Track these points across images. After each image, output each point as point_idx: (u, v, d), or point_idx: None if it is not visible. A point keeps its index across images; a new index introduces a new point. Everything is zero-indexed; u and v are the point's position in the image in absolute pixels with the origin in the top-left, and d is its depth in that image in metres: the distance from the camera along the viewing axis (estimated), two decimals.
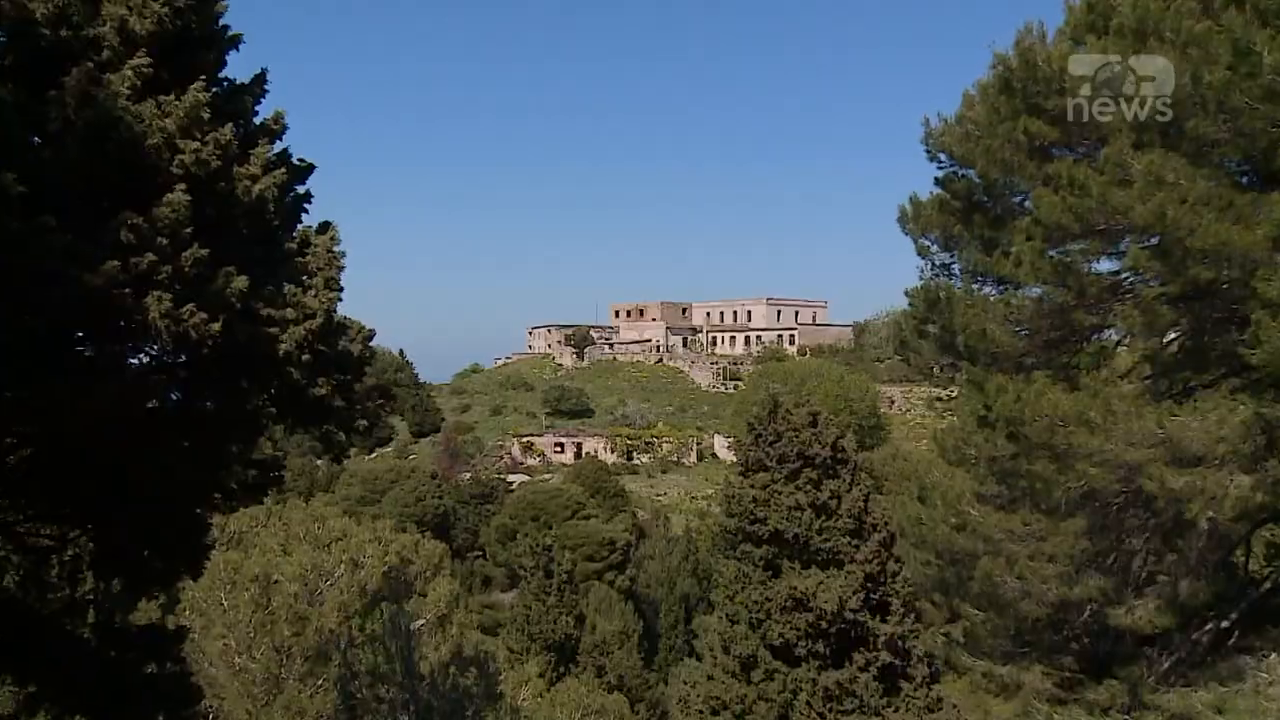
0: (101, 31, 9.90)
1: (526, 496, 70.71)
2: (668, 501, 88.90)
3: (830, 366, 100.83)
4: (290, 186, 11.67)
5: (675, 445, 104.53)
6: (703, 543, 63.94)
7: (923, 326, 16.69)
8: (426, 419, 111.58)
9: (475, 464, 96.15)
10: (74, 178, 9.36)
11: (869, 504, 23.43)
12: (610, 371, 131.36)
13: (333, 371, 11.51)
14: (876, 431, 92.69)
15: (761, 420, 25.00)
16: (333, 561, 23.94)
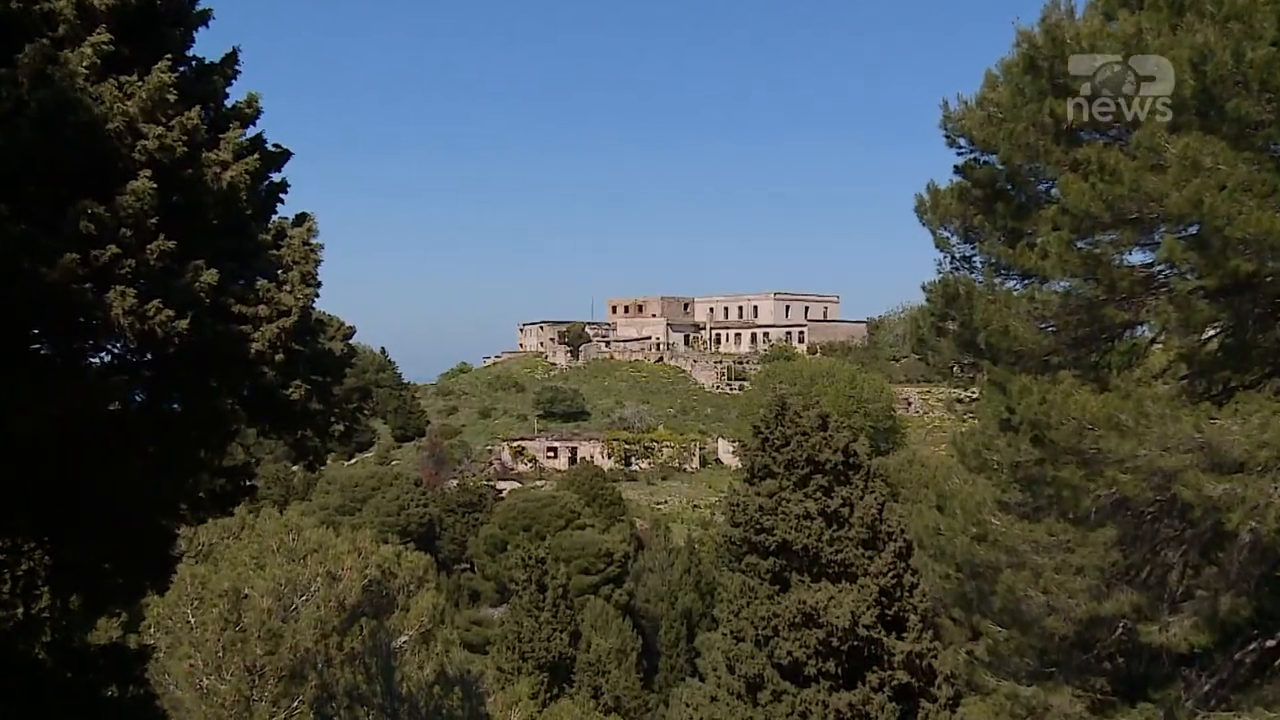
0: (58, 5, 9.84)
1: (517, 505, 70.71)
2: (668, 510, 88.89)
3: (842, 366, 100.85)
4: (264, 174, 11.62)
5: (676, 450, 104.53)
6: (706, 554, 63.91)
7: (941, 323, 16.62)
8: (410, 422, 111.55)
9: (462, 470, 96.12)
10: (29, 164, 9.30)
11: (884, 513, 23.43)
12: (607, 371, 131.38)
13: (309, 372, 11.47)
14: (892, 435, 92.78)
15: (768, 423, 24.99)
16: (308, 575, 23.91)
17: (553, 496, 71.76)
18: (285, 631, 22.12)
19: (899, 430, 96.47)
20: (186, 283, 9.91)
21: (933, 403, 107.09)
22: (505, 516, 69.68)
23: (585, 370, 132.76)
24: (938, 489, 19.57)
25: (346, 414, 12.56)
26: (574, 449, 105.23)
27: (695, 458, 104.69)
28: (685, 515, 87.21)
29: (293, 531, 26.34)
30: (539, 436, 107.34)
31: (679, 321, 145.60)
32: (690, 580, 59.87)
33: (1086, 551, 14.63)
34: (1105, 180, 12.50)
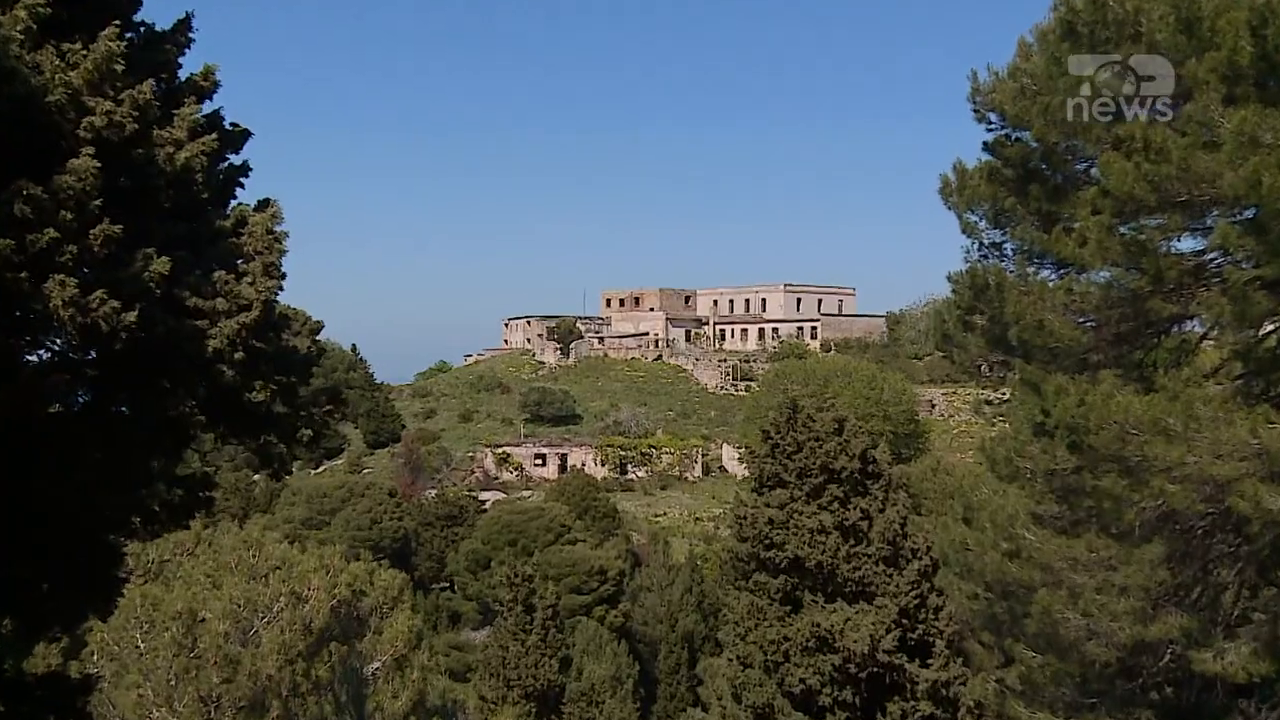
0: None
1: (502, 518, 70.67)
2: (668, 523, 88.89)
3: (859, 365, 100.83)
4: (222, 155, 11.56)
5: (677, 457, 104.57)
6: (709, 572, 63.88)
7: (968, 317, 16.58)
8: (384, 426, 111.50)
9: (441, 479, 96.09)
10: None
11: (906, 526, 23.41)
12: (600, 370, 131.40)
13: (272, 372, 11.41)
14: (914, 441, 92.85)
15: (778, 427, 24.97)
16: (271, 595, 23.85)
17: (540, 508, 71.72)
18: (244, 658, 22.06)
19: (922, 435, 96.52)
20: (135, 272, 9.83)
21: (959, 405, 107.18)
22: (488, 530, 69.62)
23: (576, 369, 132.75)
24: (965, 500, 19.54)
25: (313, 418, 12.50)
26: (564, 456, 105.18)
27: (697, 466, 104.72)
28: (686, 529, 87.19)
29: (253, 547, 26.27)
30: (525, 442, 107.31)
31: (679, 316, 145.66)
32: (692, 600, 59.82)
33: (1131, 570, 14.59)
34: (1151, 159, 12.45)
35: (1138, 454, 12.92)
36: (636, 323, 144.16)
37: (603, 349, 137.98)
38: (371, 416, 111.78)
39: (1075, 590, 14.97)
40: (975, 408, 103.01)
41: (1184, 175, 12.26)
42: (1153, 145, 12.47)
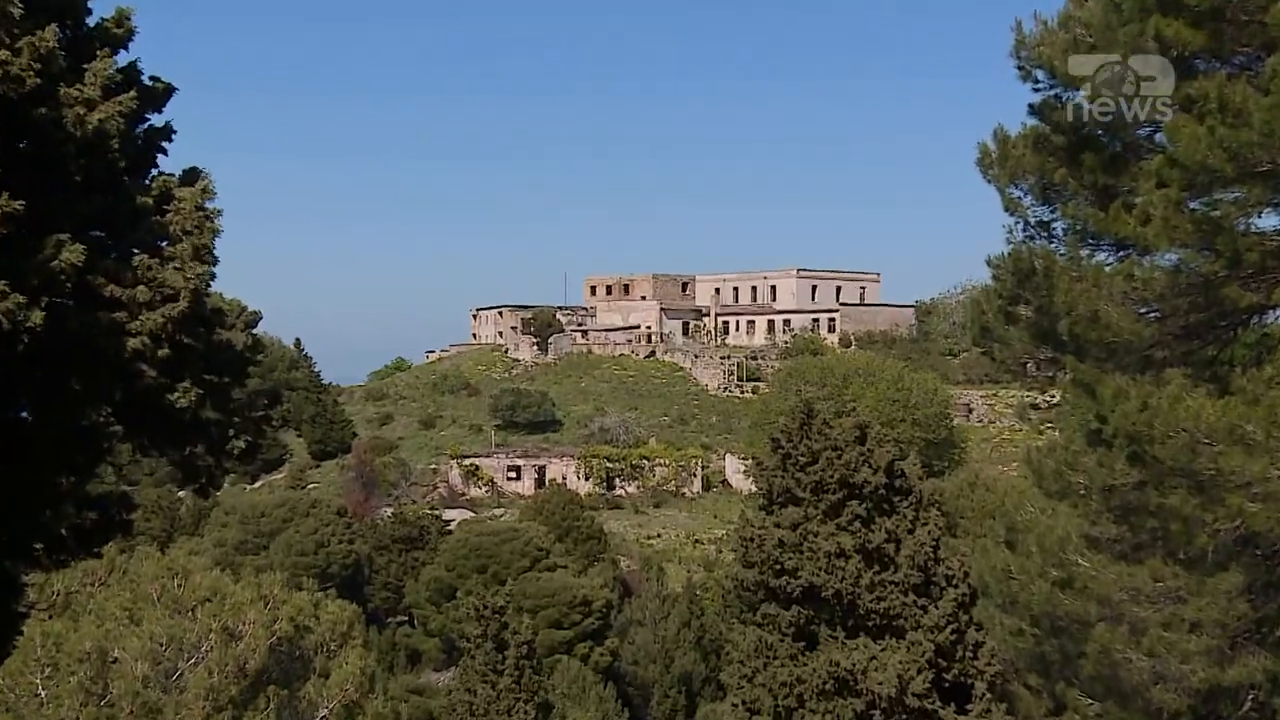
0: None
1: (469, 540, 70.55)
2: (662, 547, 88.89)
3: (884, 362, 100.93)
4: (141, 115, 11.46)
5: (672, 470, 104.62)
6: (710, 603, 63.83)
7: (1011, 307, 16.57)
8: (331, 434, 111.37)
9: (398, 496, 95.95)
10: None
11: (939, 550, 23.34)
12: (584, 368, 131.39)
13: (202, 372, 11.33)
14: (948, 451, 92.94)
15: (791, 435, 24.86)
16: (198, 631, 23.75)
17: (514, 529, 71.60)
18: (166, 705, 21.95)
19: (957, 444, 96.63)
20: (43, 260, 9.74)
21: (1000, 409, 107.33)
22: (454, 555, 69.50)
23: (556, 368, 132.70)
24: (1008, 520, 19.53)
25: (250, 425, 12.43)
26: (541, 468, 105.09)
27: (696, 480, 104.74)
28: (684, 553, 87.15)
29: (178, 576, 26.18)
30: (497, 452, 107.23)
31: (676, 306, 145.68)
32: (690, 636, 59.77)
33: (1204, 602, 14.56)
34: (1228, 122, 12.39)
35: (1211, 467, 12.87)
36: (626, 314, 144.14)
37: (587, 344, 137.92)
38: (317, 423, 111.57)
39: (1138, 626, 14.94)
40: (1019, 413, 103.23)
41: (1267, 141, 12.20)
42: (1230, 106, 12.41)
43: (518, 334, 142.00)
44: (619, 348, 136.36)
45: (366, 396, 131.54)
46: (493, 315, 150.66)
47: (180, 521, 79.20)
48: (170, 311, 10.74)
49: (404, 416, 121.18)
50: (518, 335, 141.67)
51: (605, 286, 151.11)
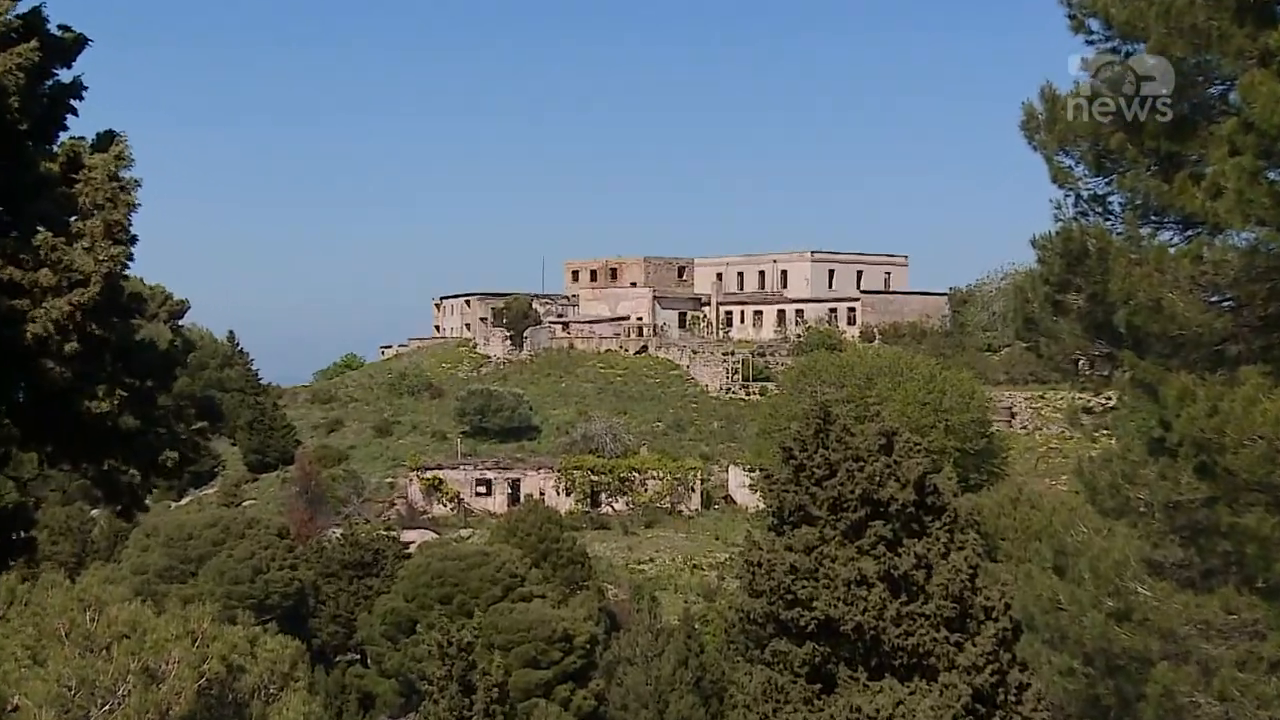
0: None
1: (431, 566, 70.47)
2: (656, 573, 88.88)
3: (913, 359, 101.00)
4: (47, 70, 11.40)
5: (667, 484, 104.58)
6: (711, 638, 63.80)
7: (1060, 295, 16.54)
8: (271, 443, 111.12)
9: (349, 514, 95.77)
10: None
11: (977, 578, 23.34)
12: (565, 367, 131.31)
13: (122, 371, 11.28)
14: (987, 461, 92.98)
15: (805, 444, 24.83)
16: (114, 673, 23.66)
17: (484, 553, 71.53)
18: None
19: (998, 454, 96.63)
20: None
21: (1048, 414, 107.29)
22: (414, 583, 69.42)
23: (533, 365, 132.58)
24: (1057, 542, 19.50)
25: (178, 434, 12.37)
26: (515, 482, 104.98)
27: (695, 495, 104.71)
28: (680, 580, 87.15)
29: (90, 608, 26.06)
30: (464, 464, 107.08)
31: (671, 294, 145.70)
32: (688, 676, 59.69)
33: None
34: None
35: None
36: (613, 303, 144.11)
37: (568, 337, 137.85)
38: (255, 429, 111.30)
39: (1208, 665, 14.92)
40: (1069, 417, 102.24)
41: None
42: None
43: (488, 326, 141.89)
44: (605, 342, 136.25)
45: (312, 399, 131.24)
46: (458, 305, 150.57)
47: (93, 545, 78.89)
48: (79, 298, 10.68)
49: (355, 422, 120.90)
50: (488, 328, 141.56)
51: (589, 271, 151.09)
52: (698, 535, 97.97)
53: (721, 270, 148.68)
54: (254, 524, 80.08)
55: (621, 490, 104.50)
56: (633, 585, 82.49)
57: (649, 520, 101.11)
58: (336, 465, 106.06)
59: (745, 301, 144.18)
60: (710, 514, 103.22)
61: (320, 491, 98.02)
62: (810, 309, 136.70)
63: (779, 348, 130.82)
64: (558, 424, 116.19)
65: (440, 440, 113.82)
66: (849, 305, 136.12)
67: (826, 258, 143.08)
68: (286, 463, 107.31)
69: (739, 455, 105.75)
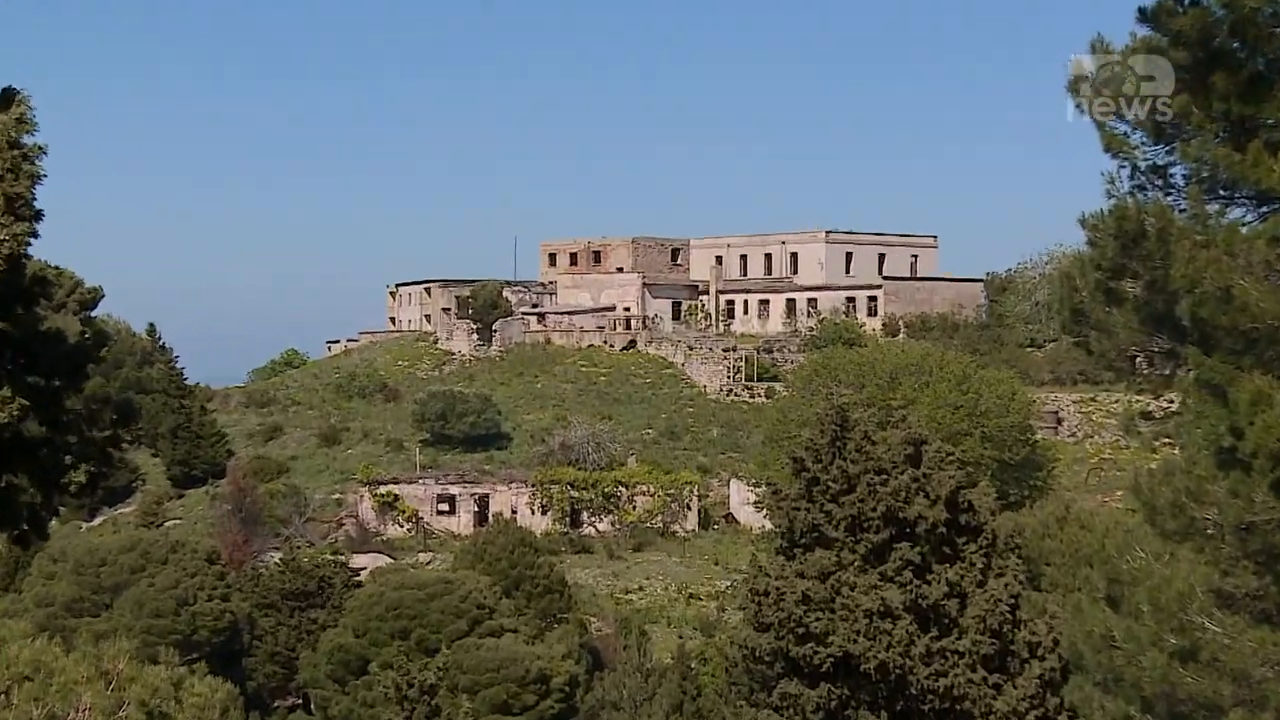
0: None
1: (386, 595, 70.43)
2: (646, 604, 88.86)
3: (944, 355, 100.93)
4: None
5: (659, 501, 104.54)
6: (710, 679, 63.76)
7: (1114, 282, 16.55)
8: (199, 453, 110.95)
9: (290, 536, 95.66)
10: None
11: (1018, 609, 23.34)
12: (541, 364, 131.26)
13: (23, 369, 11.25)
14: (1030, 474, 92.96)
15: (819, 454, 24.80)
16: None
17: (447, 581, 71.51)
18: None
19: (1042, 466, 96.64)
20: None
21: (1100, 419, 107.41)
22: (365, 615, 69.37)
23: (504, 363, 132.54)
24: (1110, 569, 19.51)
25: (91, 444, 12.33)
26: (483, 499, 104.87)
27: (691, 513, 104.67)
28: (674, 612, 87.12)
29: None
30: (423, 477, 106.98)
31: (664, 280, 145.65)
32: None
33: None
34: None
35: None
36: (597, 291, 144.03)
37: (544, 330, 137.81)
38: (180, 437, 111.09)
39: None
40: (1125, 423, 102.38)
41: None
42: None
43: (451, 318, 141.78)
44: (587, 336, 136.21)
45: (247, 402, 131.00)
46: (417, 293, 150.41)
47: None
48: None
49: (297, 429, 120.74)
50: (451, 319, 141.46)
51: (569, 254, 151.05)
52: (694, 560, 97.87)
53: (721, 253, 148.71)
54: (178, 547, 79.90)
55: (606, 508, 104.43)
56: (619, 618, 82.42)
57: (638, 543, 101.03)
58: (275, 479, 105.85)
59: (749, 289, 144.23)
60: (709, 535, 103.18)
61: (256, 510, 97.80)
62: (824, 297, 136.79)
63: (788, 342, 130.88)
64: (532, 431, 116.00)
65: (396, 450, 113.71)
66: (869, 293, 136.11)
67: (843, 238, 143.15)
68: (217, 476, 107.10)
69: (742, 467, 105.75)
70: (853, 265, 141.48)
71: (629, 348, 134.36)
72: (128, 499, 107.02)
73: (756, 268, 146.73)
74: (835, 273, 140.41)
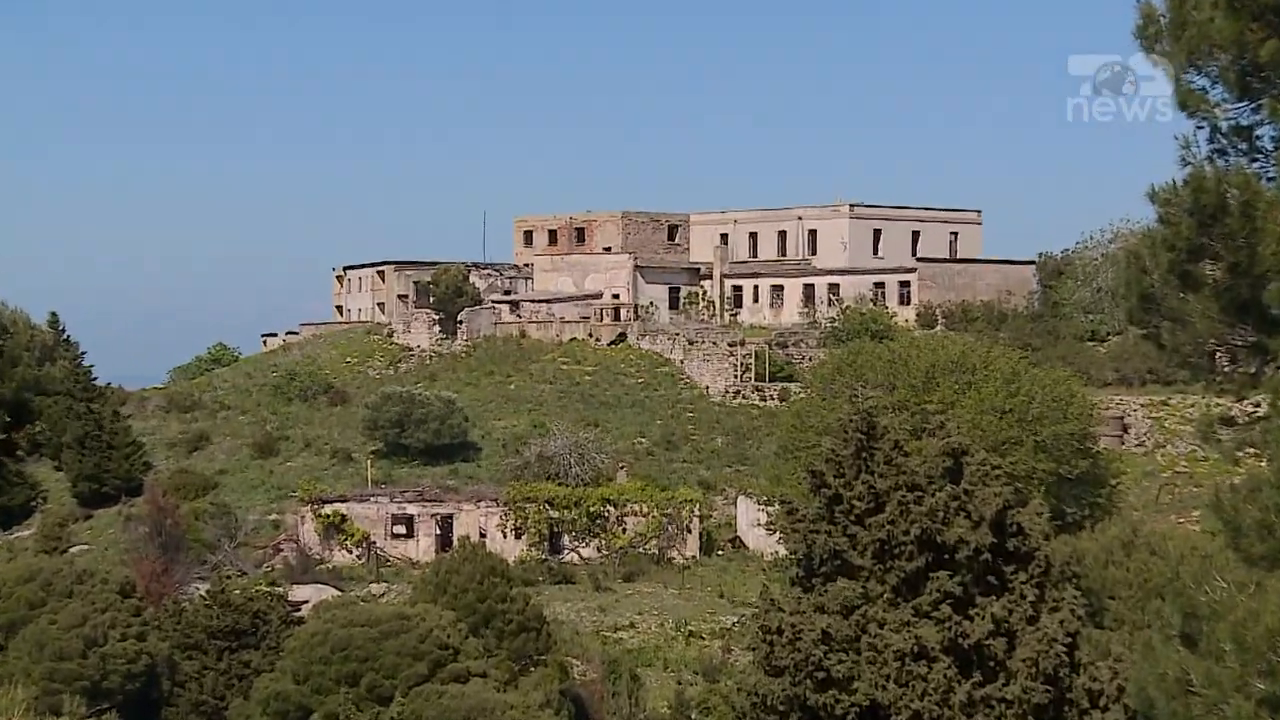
0: None
1: (332, 634, 70.45)
2: (638, 643, 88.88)
3: (989, 351, 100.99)
4: None
5: (654, 522, 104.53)
6: None
7: (1191, 264, 16.59)
8: (111, 466, 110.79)
9: (219, 564, 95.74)
10: None
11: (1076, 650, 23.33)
12: (515, 362, 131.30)
13: None
14: (1091, 490, 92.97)
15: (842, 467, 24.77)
16: None
17: (404, 616, 71.54)
18: None
19: (1105, 481, 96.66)
20: None
21: (1173, 425, 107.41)
22: (307, 658, 69.38)
23: (471, 360, 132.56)
24: (1186, 602, 19.53)
25: None
26: (447, 520, 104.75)
27: (692, 537, 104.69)
28: (672, 653, 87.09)
29: None
30: (376, 495, 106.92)
31: (658, 262, 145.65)
32: None
33: None
34: None
35: None
36: (581, 275, 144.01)
37: (518, 322, 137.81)
38: (88, 447, 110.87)
39: None
40: (1202, 430, 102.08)
41: None
42: None
43: (408, 306, 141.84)
44: (569, 328, 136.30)
45: (167, 406, 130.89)
46: (368, 277, 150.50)
47: None
48: None
49: (227, 438, 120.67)
50: (408, 308, 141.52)
51: (547, 232, 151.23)
52: (695, 592, 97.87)
53: (727, 230, 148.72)
54: (86, 578, 79.84)
55: (591, 531, 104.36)
56: (606, 660, 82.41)
57: (629, 572, 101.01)
58: (201, 497, 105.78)
59: (760, 273, 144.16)
60: (713, 562, 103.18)
61: (178, 533, 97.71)
62: (848, 282, 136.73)
63: (806, 335, 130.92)
64: (504, 440, 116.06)
65: (343, 463, 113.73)
66: (901, 277, 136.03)
67: (870, 213, 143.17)
68: (131, 493, 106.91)
69: (751, 483, 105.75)
70: (881, 245, 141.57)
71: (618, 342, 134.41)
72: (25, 520, 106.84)
73: (768, 247, 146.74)
74: (861, 254, 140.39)
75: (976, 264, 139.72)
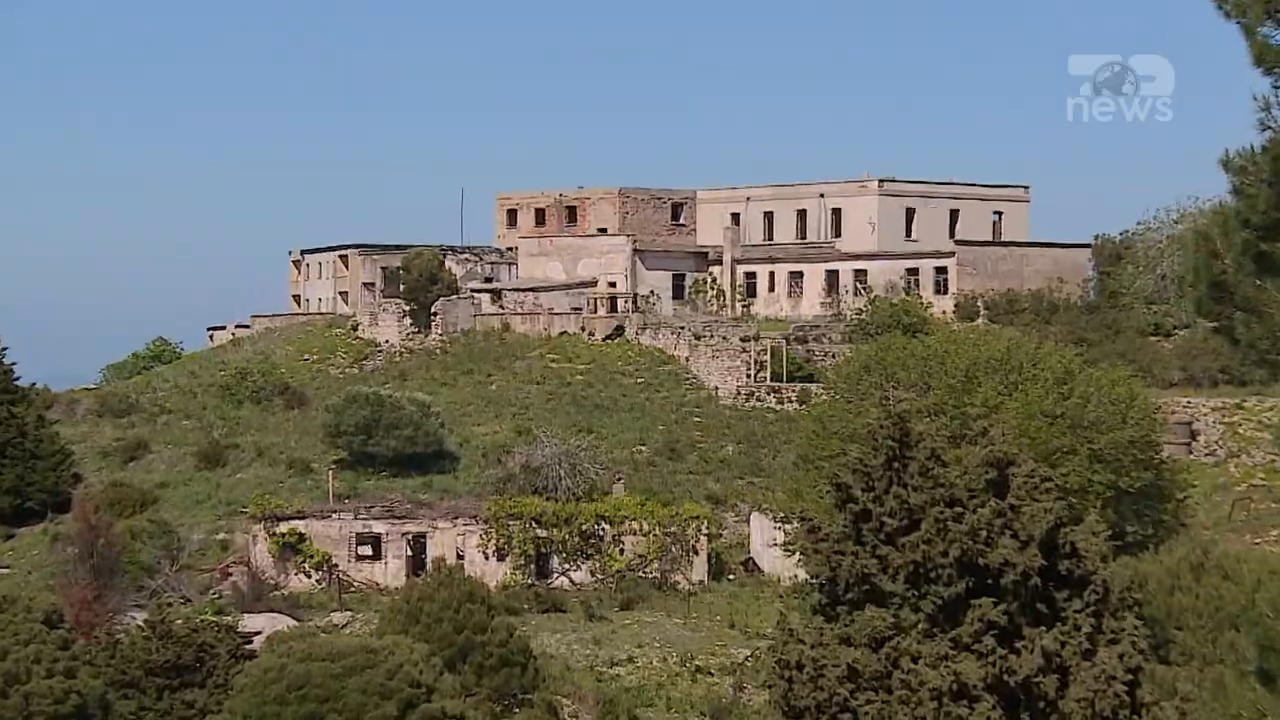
0: None
1: (288, 670, 70.54)
2: (637, 679, 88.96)
3: (1039, 347, 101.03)
4: None
5: (655, 542, 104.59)
6: None
7: (1268, 244, 16.61)
8: (35, 479, 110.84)
9: (160, 589, 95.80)
10: None
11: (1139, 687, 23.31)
12: (497, 359, 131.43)
13: None
14: (1155, 506, 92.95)
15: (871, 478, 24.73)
16: None
17: (369, 650, 71.65)
18: None
19: (1171, 496, 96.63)
20: None
21: (1249, 432, 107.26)
22: (260, 697, 69.46)
23: (447, 358, 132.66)
24: (1262, 633, 19.59)
25: None
26: (419, 539, 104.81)
27: (699, 559, 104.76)
28: (675, 690, 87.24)
29: None
30: (338, 511, 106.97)
31: (660, 246, 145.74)
32: None
33: None
34: None
35: None
36: (571, 259, 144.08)
37: (501, 314, 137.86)
38: (9, 457, 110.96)
39: None
40: None
41: None
42: None
43: (375, 296, 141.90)
44: (559, 321, 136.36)
45: (100, 409, 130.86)
46: (330, 263, 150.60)
47: None
48: None
49: (168, 446, 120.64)
50: (375, 298, 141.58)
51: (534, 211, 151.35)
52: (702, 621, 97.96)
53: (739, 209, 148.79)
54: (7, 605, 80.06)
55: (584, 552, 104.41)
56: (602, 699, 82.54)
57: (627, 598, 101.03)
58: (138, 513, 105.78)
59: (776, 258, 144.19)
60: (722, 588, 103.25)
61: (112, 555, 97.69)
62: (877, 269, 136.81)
63: (828, 329, 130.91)
64: (485, 449, 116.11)
65: (301, 474, 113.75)
66: (937, 263, 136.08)
67: (902, 189, 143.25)
68: (59, 509, 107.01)
69: (766, 497, 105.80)
70: (915, 226, 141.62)
71: (615, 336, 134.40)
72: None
73: (786, 229, 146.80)
74: (892, 236, 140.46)
75: (1024, 247, 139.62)
